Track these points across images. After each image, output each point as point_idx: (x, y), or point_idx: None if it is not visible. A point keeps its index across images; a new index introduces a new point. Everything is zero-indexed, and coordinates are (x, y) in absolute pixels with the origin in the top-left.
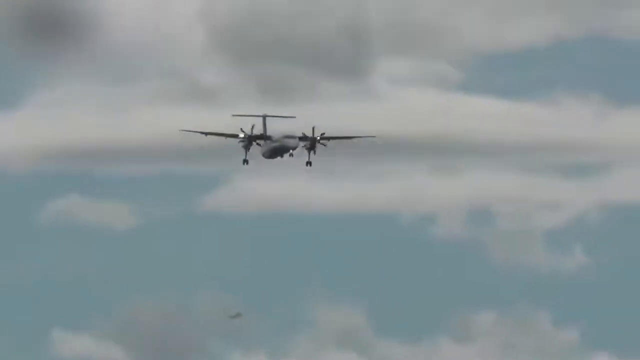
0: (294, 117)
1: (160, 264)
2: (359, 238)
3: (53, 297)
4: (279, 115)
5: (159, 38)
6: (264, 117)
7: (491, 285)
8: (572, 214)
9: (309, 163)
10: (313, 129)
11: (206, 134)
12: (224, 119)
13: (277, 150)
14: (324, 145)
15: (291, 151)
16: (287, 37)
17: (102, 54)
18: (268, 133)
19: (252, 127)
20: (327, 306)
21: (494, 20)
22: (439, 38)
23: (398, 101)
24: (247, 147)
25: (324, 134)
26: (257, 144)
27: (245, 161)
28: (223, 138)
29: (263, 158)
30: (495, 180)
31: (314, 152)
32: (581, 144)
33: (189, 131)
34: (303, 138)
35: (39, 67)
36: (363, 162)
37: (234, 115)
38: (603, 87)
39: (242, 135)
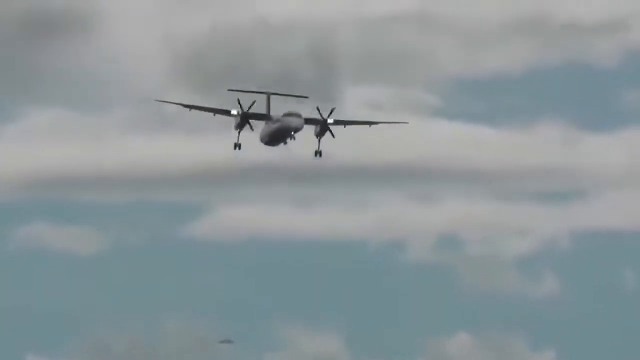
0: (307, 97)
1: (135, 291)
2: (334, 264)
3: (27, 324)
4: (287, 93)
5: (124, 67)
6: (268, 94)
7: (463, 311)
8: (545, 240)
9: (318, 153)
10: (318, 108)
11: (189, 107)
12: (197, 145)
13: (278, 133)
14: (343, 125)
15: (293, 134)
16: (258, 64)
17: (71, 83)
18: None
19: (239, 101)
20: (303, 331)
21: (468, 47)
22: (414, 65)
23: (372, 128)
24: (239, 127)
25: (334, 108)
26: (257, 119)
27: (237, 145)
28: (211, 115)
29: (262, 144)
30: (469, 207)
31: (332, 135)
32: (555, 170)
33: (167, 102)
34: (310, 120)
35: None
36: (339, 189)
37: (229, 90)
38: (576, 114)
39: (234, 112)
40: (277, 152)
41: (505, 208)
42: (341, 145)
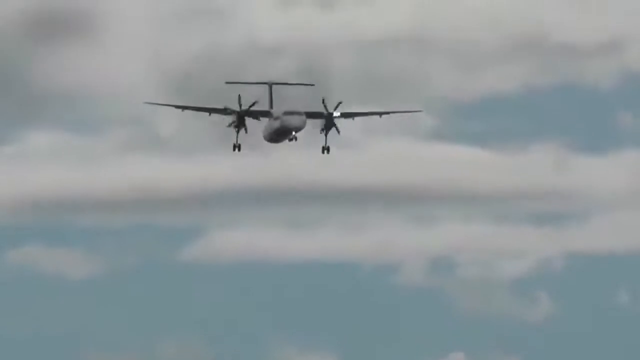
0: (313, 84)
1: (129, 314)
2: (330, 287)
3: (19, 348)
4: (290, 82)
5: (114, 88)
6: (270, 85)
7: (459, 333)
8: (541, 262)
9: (325, 149)
10: (324, 100)
11: (182, 107)
12: (192, 167)
13: (279, 132)
14: (351, 118)
15: (294, 134)
16: (253, 84)
17: (65, 105)
18: (274, 107)
19: (239, 98)
20: (298, 353)
21: (463, 69)
22: (408, 87)
23: (369, 150)
24: (237, 127)
25: (341, 103)
26: (256, 118)
27: (237, 147)
28: (206, 114)
29: (265, 141)
30: (465, 229)
31: (338, 131)
32: (551, 192)
33: (157, 104)
34: (314, 114)
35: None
36: (333, 211)
37: (227, 83)
38: (572, 136)
39: (230, 110)
40: (275, 173)
41: (501, 230)
42: (336, 167)
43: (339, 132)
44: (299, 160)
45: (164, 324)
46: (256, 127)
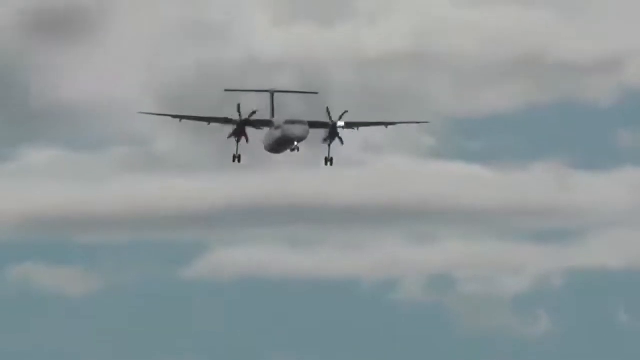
0: (316, 92)
1: (130, 331)
2: (331, 304)
3: None
4: (293, 90)
5: (113, 105)
6: (272, 93)
7: (457, 350)
8: (542, 279)
9: (329, 161)
10: (328, 110)
11: (179, 117)
12: (192, 185)
13: (280, 142)
14: (356, 129)
15: (296, 144)
16: (252, 101)
17: (64, 123)
18: (275, 116)
19: (239, 106)
20: None
21: (463, 87)
22: (409, 105)
23: (370, 167)
24: (238, 136)
25: (346, 112)
26: (256, 128)
27: (237, 158)
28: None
29: (266, 152)
30: (465, 246)
31: (341, 141)
32: (551, 210)
33: (153, 114)
34: (317, 124)
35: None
36: (334, 229)
37: (226, 90)
38: (572, 153)
39: (230, 120)
40: (275, 190)
41: (502, 247)
42: (336, 184)
43: (342, 142)
44: (300, 175)
45: (163, 341)
46: (257, 137)
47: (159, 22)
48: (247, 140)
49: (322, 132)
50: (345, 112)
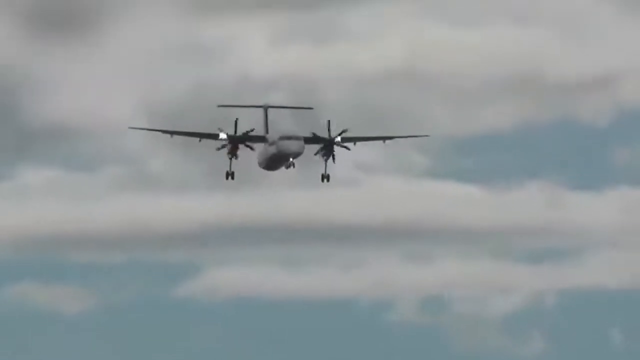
0: (311, 108)
1: (124, 351)
2: (325, 324)
3: None
4: (288, 105)
5: (107, 125)
6: (266, 108)
7: None
8: (536, 299)
9: (325, 177)
10: (329, 124)
11: (170, 133)
12: (187, 205)
13: (275, 159)
14: (347, 149)
15: (291, 160)
16: (245, 117)
17: (59, 142)
18: (269, 132)
19: (236, 121)
20: None
21: (458, 106)
22: (403, 124)
23: (363, 186)
24: (231, 154)
25: (345, 130)
26: (249, 147)
27: (230, 175)
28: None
29: (260, 169)
30: (459, 266)
31: (334, 159)
32: (545, 229)
33: (143, 129)
34: (314, 139)
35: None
36: (328, 249)
37: (220, 106)
38: (566, 172)
39: (222, 135)
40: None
41: (496, 267)
42: (330, 204)
43: (334, 160)
44: (293, 194)
45: (156, 359)
46: (251, 154)
47: (155, 42)
48: (236, 158)
49: (319, 148)
50: (345, 130)
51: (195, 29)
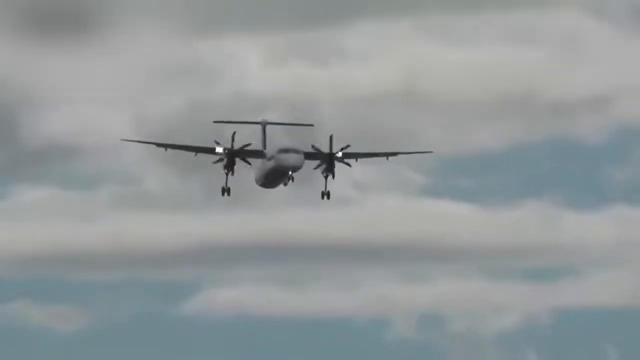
0: (311, 125)
1: None
2: (323, 342)
3: None
4: (287, 122)
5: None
6: (264, 124)
7: None
8: (532, 318)
9: (326, 194)
10: (331, 138)
11: (164, 146)
12: (185, 223)
13: (273, 173)
14: (348, 165)
15: (291, 173)
16: (243, 139)
17: (55, 161)
18: (267, 148)
19: (233, 135)
20: None
21: (454, 126)
22: (401, 143)
23: (360, 206)
24: (228, 168)
25: (348, 146)
26: (246, 161)
27: (226, 190)
28: (192, 154)
29: (258, 187)
30: (456, 285)
31: (333, 176)
32: (541, 248)
33: (136, 141)
34: (314, 154)
35: None
36: (325, 267)
37: (215, 122)
38: (562, 191)
39: (219, 149)
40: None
41: (492, 286)
42: (327, 223)
43: (333, 176)
44: (290, 213)
45: None
46: (247, 171)
47: (152, 61)
48: (232, 173)
49: (319, 163)
50: (348, 145)
51: (192, 47)
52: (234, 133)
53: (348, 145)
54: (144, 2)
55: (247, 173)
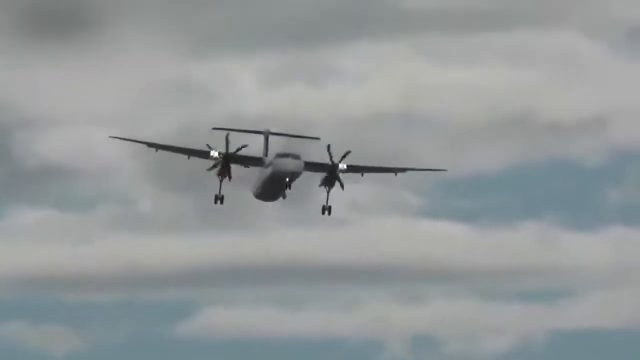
0: (318, 138)
1: None
2: None
3: None
4: (292, 134)
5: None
6: (266, 134)
7: None
8: (528, 339)
9: (327, 209)
10: (329, 147)
11: (154, 146)
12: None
13: (271, 182)
14: (360, 174)
15: (288, 180)
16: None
17: (50, 182)
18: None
19: (227, 135)
20: None
21: (451, 146)
22: (396, 163)
23: (355, 227)
24: (222, 174)
25: (349, 152)
26: (243, 164)
27: (219, 199)
28: (185, 157)
29: (255, 200)
30: (452, 306)
31: (342, 186)
32: (539, 269)
33: (125, 139)
34: (315, 166)
35: None
36: (321, 288)
37: (214, 129)
38: (559, 212)
39: (214, 153)
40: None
41: (489, 308)
42: (323, 244)
43: (342, 186)
44: (285, 234)
45: None
46: (243, 182)
47: (147, 80)
48: (229, 178)
49: (320, 175)
50: (349, 152)
51: (188, 68)
52: (228, 134)
53: (349, 152)
54: (140, 24)
55: (242, 187)
